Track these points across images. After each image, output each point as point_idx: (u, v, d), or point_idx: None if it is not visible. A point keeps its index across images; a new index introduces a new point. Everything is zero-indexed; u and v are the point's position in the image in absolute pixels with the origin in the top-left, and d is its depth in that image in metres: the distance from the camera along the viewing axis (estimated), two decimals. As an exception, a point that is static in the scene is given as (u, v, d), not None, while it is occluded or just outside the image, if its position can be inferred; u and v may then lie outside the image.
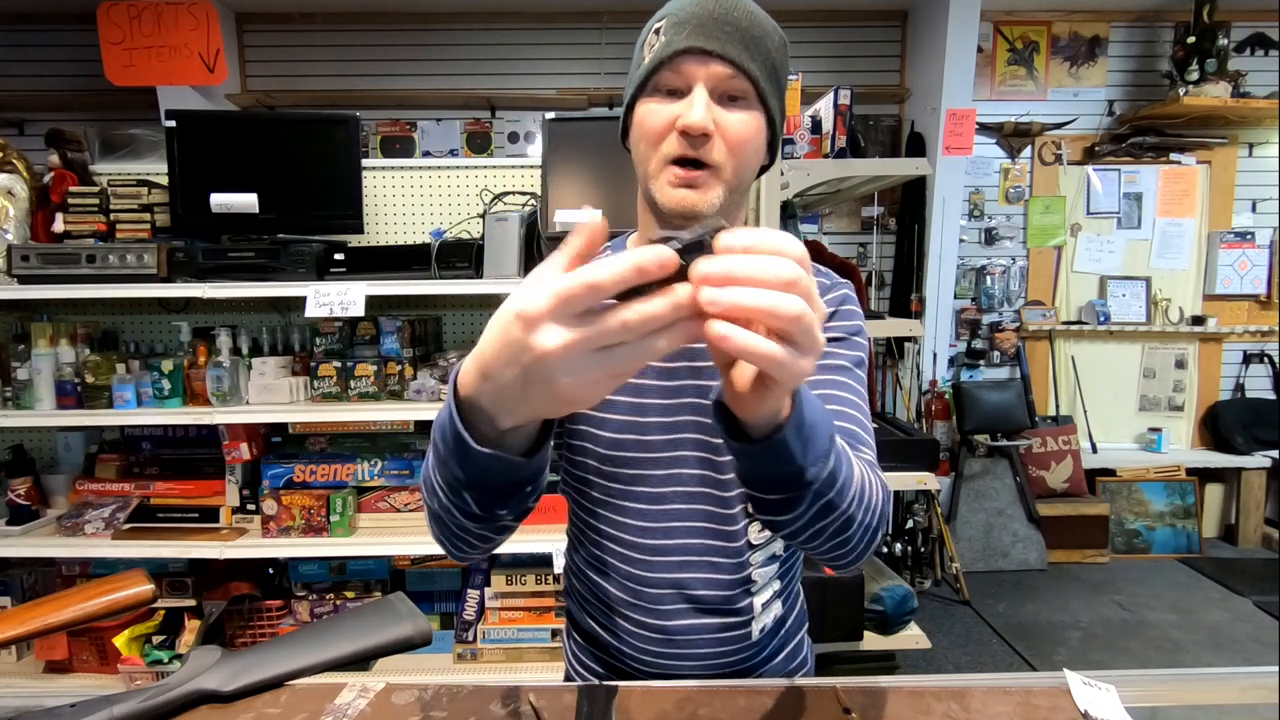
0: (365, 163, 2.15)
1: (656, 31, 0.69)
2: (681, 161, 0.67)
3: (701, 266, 0.36)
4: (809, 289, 0.37)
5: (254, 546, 1.96)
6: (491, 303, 2.33)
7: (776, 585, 0.82)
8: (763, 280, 0.36)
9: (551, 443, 0.52)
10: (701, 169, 0.67)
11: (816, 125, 2.26)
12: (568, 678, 0.90)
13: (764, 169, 0.75)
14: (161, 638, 2.02)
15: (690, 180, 0.68)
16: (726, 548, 0.77)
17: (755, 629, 0.80)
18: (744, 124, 0.68)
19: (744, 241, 0.37)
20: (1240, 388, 3.85)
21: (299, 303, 1.85)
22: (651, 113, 0.69)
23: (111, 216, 2.04)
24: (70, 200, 2.04)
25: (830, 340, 0.73)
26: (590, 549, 0.82)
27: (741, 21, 0.67)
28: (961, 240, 3.70)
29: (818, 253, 2.70)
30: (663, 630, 0.78)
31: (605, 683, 0.73)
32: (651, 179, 0.70)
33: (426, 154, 3.41)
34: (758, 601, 0.79)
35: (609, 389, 0.40)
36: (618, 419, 0.76)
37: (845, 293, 0.80)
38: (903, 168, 2.31)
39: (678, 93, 0.68)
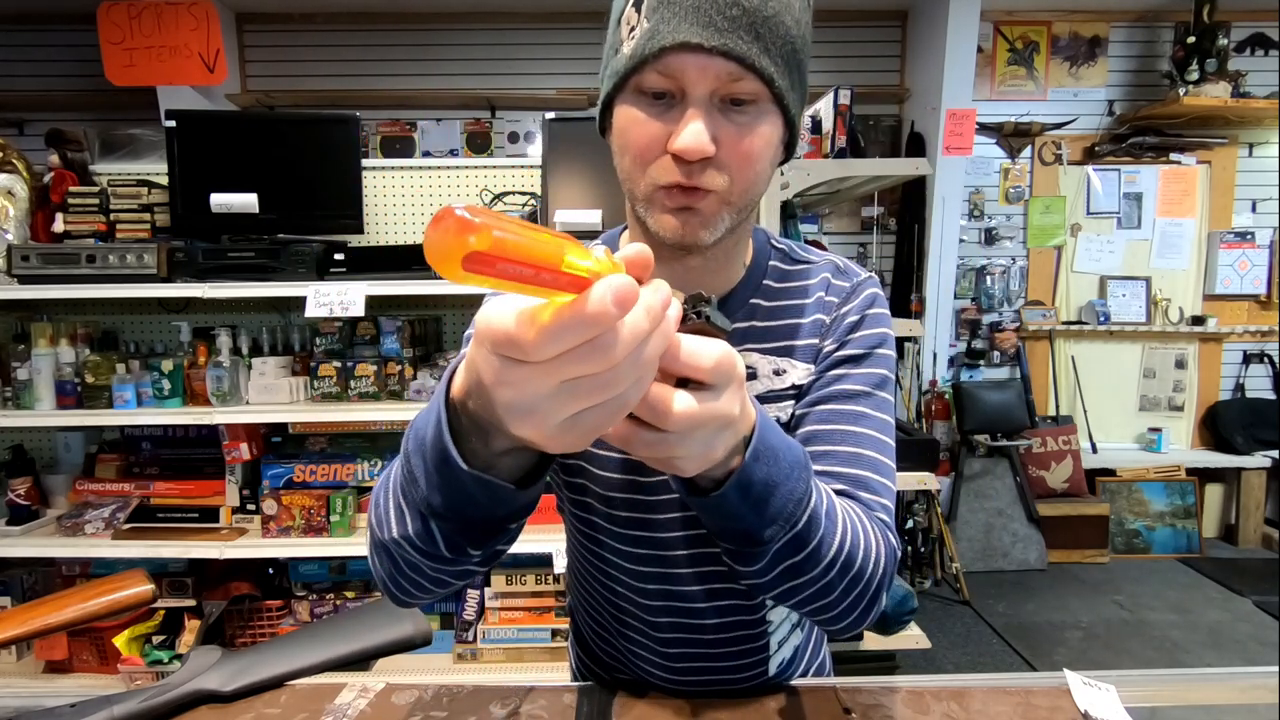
0: (365, 163, 2.15)
1: (636, 6, 0.53)
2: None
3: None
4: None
5: (254, 546, 1.96)
6: (491, 303, 2.32)
7: (795, 617, 0.75)
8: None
9: (548, 476, 0.46)
10: (701, 192, 0.55)
11: (816, 125, 2.26)
12: (574, 678, 0.88)
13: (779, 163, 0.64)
14: (161, 638, 2.02)
15: (689, 203, 0.55)
16: (735, 589, 0.70)
17: (772, 666, 0.74)
18: (754, 137, 0.54)
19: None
20: (1240, 388, 3.85)
21: (299, 303, 1.85)
22: (636, 124, 0.55)
23: (111, 216, 2.04)
24: (70, 200, 2.03)
25: (850, 360, 0.65)
26: (597, 577, 0.75)
27: None
28: (961, 240, 3.70)
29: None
30: (673, 659, 0.72)
31: (605, 683, 0.73)
32: (639, 202, 0.57)
33: (426, 154, 3.41)
34: (774, 640, 0.73)
35: (585, 440, 0.33)
36: (618, 457, 0.67)
37: (872, 293, 0.67)
38: (903, 168, 2.31)
39: (667, 96, 0.53)
